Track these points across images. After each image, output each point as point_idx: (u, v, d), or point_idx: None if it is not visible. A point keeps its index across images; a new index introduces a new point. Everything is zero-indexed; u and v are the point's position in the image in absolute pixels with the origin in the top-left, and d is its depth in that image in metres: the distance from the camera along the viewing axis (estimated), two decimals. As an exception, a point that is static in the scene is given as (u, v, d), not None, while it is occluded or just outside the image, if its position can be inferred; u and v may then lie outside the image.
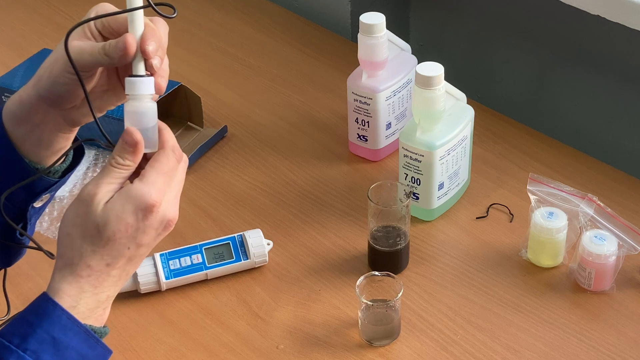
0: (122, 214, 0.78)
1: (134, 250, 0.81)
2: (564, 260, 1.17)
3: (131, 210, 0.78)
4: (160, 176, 0.80)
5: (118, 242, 0.79)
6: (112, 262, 0.80)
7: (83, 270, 0.79)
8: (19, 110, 0.86)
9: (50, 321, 0.78)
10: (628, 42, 1.38)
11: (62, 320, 0.79)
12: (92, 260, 0.79)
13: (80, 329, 0.79)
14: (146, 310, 1.14)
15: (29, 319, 0.79)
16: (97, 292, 0.81)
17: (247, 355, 1.08)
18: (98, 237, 0.79)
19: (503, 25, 1.60)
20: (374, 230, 1.16)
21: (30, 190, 0.90)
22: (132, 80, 0.81)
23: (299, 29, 1.71)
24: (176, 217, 0.82)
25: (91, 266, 0.79)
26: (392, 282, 1.07)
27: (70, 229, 0.80)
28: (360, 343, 1.08)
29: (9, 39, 1.72)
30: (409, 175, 1.22)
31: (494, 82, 1.65)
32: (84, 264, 0.79)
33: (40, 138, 0.88)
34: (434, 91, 1.16)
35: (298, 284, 1.17)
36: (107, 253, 0.79)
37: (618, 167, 1.34)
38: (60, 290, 0.79)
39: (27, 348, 0.77)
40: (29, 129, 0.87)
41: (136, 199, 0.78)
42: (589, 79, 1.49)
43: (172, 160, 0.81)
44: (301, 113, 1.48)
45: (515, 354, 1.06)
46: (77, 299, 0.80)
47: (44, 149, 0.89)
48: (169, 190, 0.81)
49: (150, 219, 0.79)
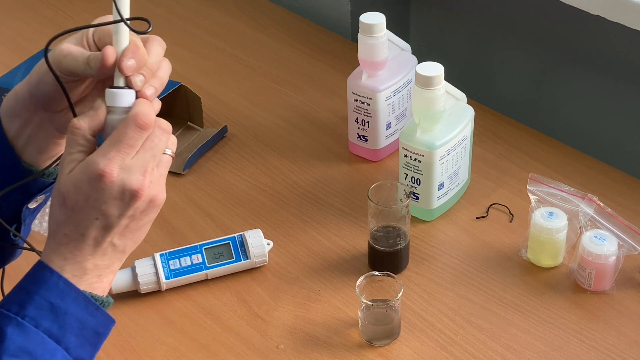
0: (79, 183, 0.78)
1: (104, 221, 0.80)
2: (564, 260, 1.17)
3: (85, 180, 0.78)
4: (112, 144, 0.78)
5: (82, 211, 0.79)
6: (85, 232, 0.80)
7: (62, 238, 0.80)
8: (13, 104, 0.87)
9: (47, 287, 0.79)
10: (628, 42, 1.38)
11: (59, 286, 0.79)
12: (66, 228, 0.80)
13: (79, 294, 0.80)
14: (146, 310, 1.14)
15: (27, 287, 0.80)
16: (79, 261, 0.81)
17: (247, 355, 1.08)
18: (64, 206, 0.79)
19: (503, 25, 1.60)
20: (374, 230, 1.16)
21: (25, 192, 0.91)
22: (110, 91, 0.80)
23: (299, 29, 1.71)
24: (143, 187, 0.79)
25: (67, 234, 0.80)
26: (392, 282, 1.07)
27: (52, 200, 0.81)
28: (360, 343, 1.08)
29: (9, 39, 1.72)
30: (409, 175, 1.22)
31: (494, 82, 1.65)
32: (61, 232, 0.80)
33: (33, 138, 0.88)
34: (434, 91, 1.16)
35: (298, 284, 1.17)
36: (77, 222, 0.80)
37: (618, 167, 1.34)
38: (48, 258, 0.81)
39: (25, 315, 0.79)
40: (21, 125, 0.88)
41: (87, 169, 0.78)
42: (589, 79, 1.49)
43: (130, 128, 0.78)
44: (301, 113, 1.48)
45: (515, 354, 1.06)
46: (62, 264, 0.80)
47: (37, 152, 0.89)
48: (131, 159, 0.79)
49: (104, 188, 0.78)
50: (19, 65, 1.48)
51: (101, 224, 0.80)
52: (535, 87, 1.59)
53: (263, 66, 1.61)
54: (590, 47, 1.46)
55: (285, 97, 1.53)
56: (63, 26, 1.75)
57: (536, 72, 1.57)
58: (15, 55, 1.63)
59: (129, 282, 1.14)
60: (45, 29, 1.75)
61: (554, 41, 1.51)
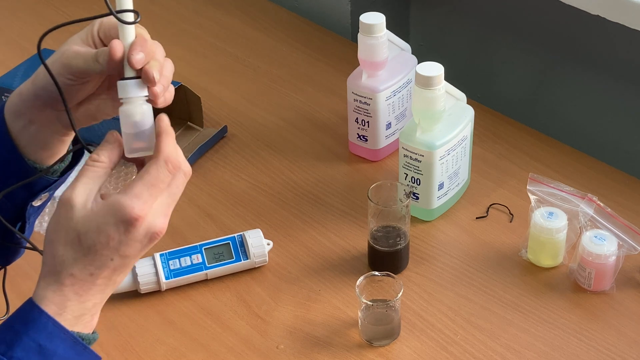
0: (103, 225, 0.76)
1: (118, 261, 0.78)
2: (564, 260, 1.17)
3: (113, 222, 0.76)
4: (146, 188, 0.77)
5: (99, 253, 0.77)
6: (95, 272, 0.78)
7: (66, 279, 0.77)
8: (19, 103, 0.86)
9: (36, 328, 0.77)
10: (628, 42, 1.38)
11: (48, 327, 0.77)
12: (75, 268, 0.77)
13: (67, 335, 0.78)
14: (146, 310, 1.14)
15: (15, 326, 0.78)
16: (83, 301, 0.78)
17: (247, 355, 1.08)
18: (79, 245, 0.77)
19: (503, 25, 1.60)
20: (374, 230, 1.16)
21: (29, 189, 0.89)
22: (122, 82, 0.79)
23: (299, 29, 1.71)
24: (164, 230, 0.79)
25: (74, 275, 0.77)
26: (392, 282, 1.07)
27: (52, 235, 0.78)
28: (360, 343, 1.08)
29: (9, 39, 1.72)
30: (409, 175, 1.22)
31: (494, 82, 1.65)
32: (67, 272, 0.77)
33: (37, 136, 0.88)
34: (434, 91, 1.16)
35: (298, 284, 1.17)
36: (89, 263, 0.77)
37: (618, 167, 1.34)
38: (46, 298, 0.78)
39: (12, 356, 0.76)
40: (25, 124, 0.87)
41: (119, 212, 0.76)
42: (589, 79, 1.49)
43: (162, 171, 0.78)
44: (301, 113, 1.48)
45: (515, 354, 1.06)
46: (63, 306, 0.78)
47: (41, 149, 0.88)
48: (158, 202, 0.78)
49: (133, 232, 0.77)
50: (19, 65, 1.48)
51: (115, 265, 0.78)
52: (535, 87, 1.59)
53: (263, 66, 1.61)
54: (590, 47, 1.46)
55: (285, 97, 1.53)
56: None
57: (536, 72, 1.57)
58: (15, 55, 1.63)
59: (129, 282, 1.14)
60: (45, 29, 1.74)
61: (554, 41, 1.51)
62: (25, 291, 1.15)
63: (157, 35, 0.94)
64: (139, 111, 0.79)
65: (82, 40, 0.84)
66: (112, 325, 1.12)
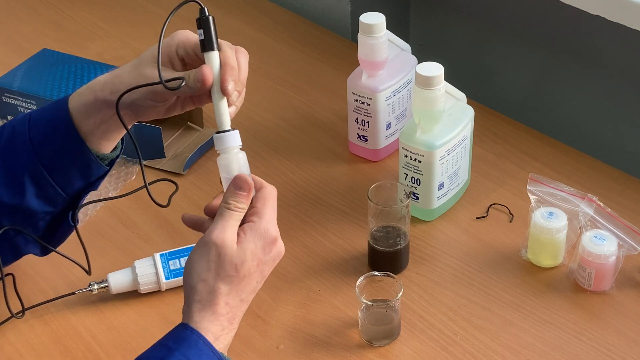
0: (255, 250, 0.87)
1: (260, 283, 0.90)
2: (564, 260, 1.17)
3: (261, 245, 0.87)
4: (273, 211, 0.89)
5: (250, 277, 0.87)
6: (245, 297, 0.88)
7: (222, 308, 0.87)
8: (91, 106, 0.94)
9: (187, 345, 0.85)
10: (628, 42, 1.38)
11: (198, 345, 0.85)
12: (229, 297, 0.87)
13: (215, 354, 0.85)
14: (146, 310, 1.14)
15: (168, 344, 0.86)
16: (233, 328, 0.88)
17: (247, 355, 1.08)
18: (235, 276, 0.86)
19: (503, 25, 1.60)
20: (374, 230, 1.16)
21: (86, 179, 0.99)
22: (219, 136, 0.89)
23: (299, 29, 1.71)
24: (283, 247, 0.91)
25: (229, 303, 0.87)
26: (392, 282, 1.07)
27: (204, 275, 0.86)
28: (360, 343, 1.09)
29: (9, 39, 1.72)
30: (409, 175, 1.22)
31: (494, 82, 1.65)
32: (223, 302, 0.86)
33: (105, 134, 0.97)
34: (434, 91, 1.16)
35: (298, 284, 1.17)
36: (241, 289, 0.87)
37: (618, 167, 1.34)
38: (204, 329, 0.86)
39: None
40: (97, 123, 0.95)
41: (264, 236, 0.87)
42: (589, 79, 1.49)
43: (274, 193, 0.90)
44: (301, 113, 1.48)
45: (515, 354, 1.06)
46: (218, 335, 0.87)
47: (106, 141, 0.97)
48: None
49: (273, 251, 0.89)
50: (19, 65, 1.48)
51: (256, 287, 0.89)
52: (535, 87, 1.59)
53: (263, 66, 1.60)
54: (590, 47, 1.46)
55: (285, 97, 1.53)
56: (63, 26, 1.75)
57: (536, 72, 1.57)
58: (15, 55, 1.63)
59: (129, 282, 1.14)
60: (45, 29, 1.75)
61: (554, 41, 1.51)
62: (26, 291, 1.15)
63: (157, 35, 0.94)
64: (234, 159, 0.90)
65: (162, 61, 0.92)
66: (112, 325, 1.12)
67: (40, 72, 1.45)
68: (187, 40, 0.94)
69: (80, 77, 1.43)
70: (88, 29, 1.74)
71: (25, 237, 1.02)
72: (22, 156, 0.97)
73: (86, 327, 1.11)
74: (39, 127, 0.97)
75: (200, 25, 0.92)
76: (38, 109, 0.99)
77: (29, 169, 0.97)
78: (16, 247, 1.04)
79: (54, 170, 0.97)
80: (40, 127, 0.97)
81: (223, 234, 0.86)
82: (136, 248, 1.23)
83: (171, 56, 0.93)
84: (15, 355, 1.08)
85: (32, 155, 0.96)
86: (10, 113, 1.44)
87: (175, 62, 0.93)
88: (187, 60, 0.94)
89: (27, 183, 0.97)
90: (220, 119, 0.90)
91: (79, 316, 1.13)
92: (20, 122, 0.98)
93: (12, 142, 0.97)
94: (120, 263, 1.18)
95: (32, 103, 1.41)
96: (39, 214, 1.00)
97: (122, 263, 1.18)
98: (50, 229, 1.03)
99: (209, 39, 0.91)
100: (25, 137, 0.96)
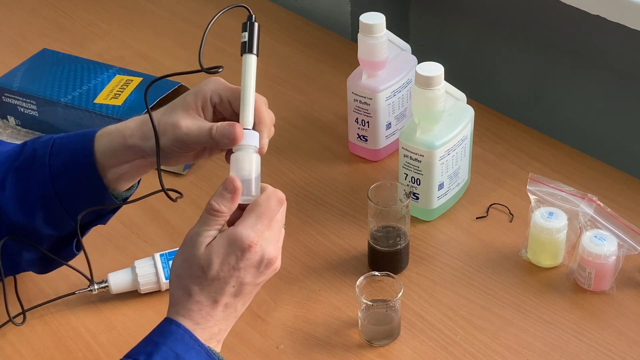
0: (223, 256, 0.86)
1: (238, 288, 0.87)
2: (564, 260, 1.17)
3: (231, 251, 0.86)
4: (259, 219, 0.87)
5: (222, 280, 0.86)
6: (218, 298, 0.87)
7: (194, 305, 0.87)
8: (119, 149, 0.95)
9: (173, 339, 0.85)
10: (628, 42, 1.38)
11: (185, 339, 0.85)
12: (201, 296, 0.87)
13: (202, 349, 0.86)
14: (146, 310, 1.14)
15: (154, 338, 0.86)
16: (209, 326, 0.87)
17: (247, 355, 1.08)
18: (203, 277, 0.86)
19: (503, 25, 1.60)
20: (374, 230, 1.16)
21: (98, 212, 1.00)
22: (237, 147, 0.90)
23: (299, 29, 1.71)
24: (277, 257, 0.89)
25: (200, 302, 0.87)
26: (392, 282, 1.07)
27: (179, 271, 0.87)
28: (360, 343, 1.09)
29: (9, 39, 1.72)
30: (409, 175, 1.22)
31: (494, 82, 1.65)
32: (194, 300, 0.87)
33: (125, 175, 0.97)
34: (434, 91, 1.16)
35: (298, 284, 1.17)
36: (213, 290, 0.86)
37: (618, 167, 1.34)
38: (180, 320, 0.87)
39: None
40: (119, 163, 0.96)
41: (236, 241, 0.85)
42: (589, 79, 1.49)
43: (272, 202, 0.88)
44: (301, 113, 1.48)
45: (515, 354, 1.06)
46: (193, 329, 0.86)
47: (124, 182, 0.98)
48: (268, 231, 0.88)
49: (249, 258, 0.86)
50: (19, 65, 1.48)
51: (234, 291, 0.88)
52: (535, 87, 1.59)
53: (263, 66, 1.60)
54: (590, 47, 1.46)
55: (285, 97, 1.53)
56: (63, 26, 1.75)
57: (536, 72, 1.57)
58: (15, 55, 1.63)
59: (129, 282, 1.14)
60: (45, 29, 1.75)
61: (554, 41, 1.51)
62: (26, 292, 1.15)
63: (157, 35, 0.94)
64: (247, 157, 0.89)
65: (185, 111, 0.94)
66: (112, 325, 1.12)
67: (40, 72, 1.45)
68: (221, 86, 0.97)
69: (80, 77, 1.43)
70: (88, 29, 1.74)
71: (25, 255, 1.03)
72: (37, 180, 0.97)
73: (86, 327, 1.11)
74: (60, 155, 0.96)
75: (245, 28, 0.98)
76: (63, 136, 0.99)
77: (42, 193, 0.97)
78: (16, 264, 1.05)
79: (66, 200, 0.97)
80: (61, 155, 0.96)
81: (196, 236, 0.87)
82: (136, 248, 1.23)
83: (204, 102, 0.95)
84: (15, 355, 1.08)
85: (47, 181, 0.96)
86: (10, 113, 1.44)
87: (207, 109, 0.95)
88: (220, 108, 0.95)
89: (38, 206, 0.97)
90: (245, 116, 0.91)
91: (79, 316, 1.13)
92: (43, 145, 0.98)
93: (31, 163, 0.97)
94: (120, 263, 1.19)
95: (32, 103, 1.41)
96: (44, 237, 1.00)
97: (122, 263, 1.18)
98: (53, 251, 1.03)
99: (251, 43, 0.97)
100: (44, 162, 0.96)
